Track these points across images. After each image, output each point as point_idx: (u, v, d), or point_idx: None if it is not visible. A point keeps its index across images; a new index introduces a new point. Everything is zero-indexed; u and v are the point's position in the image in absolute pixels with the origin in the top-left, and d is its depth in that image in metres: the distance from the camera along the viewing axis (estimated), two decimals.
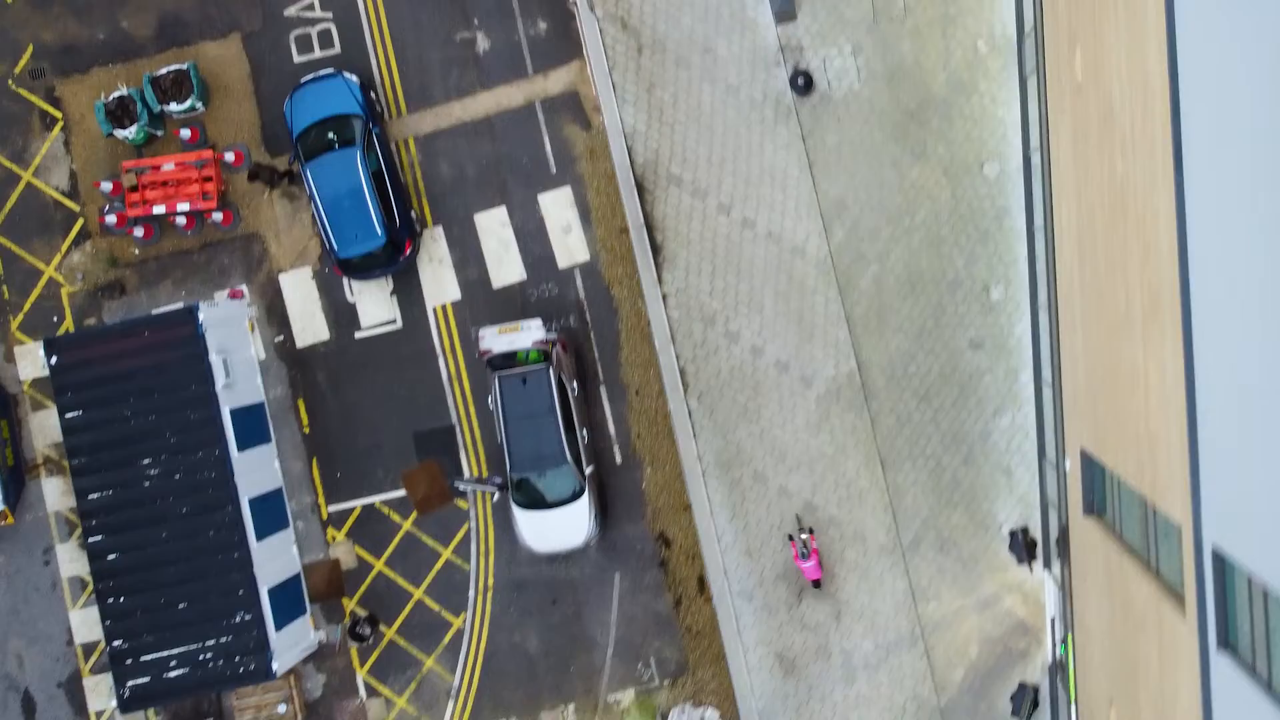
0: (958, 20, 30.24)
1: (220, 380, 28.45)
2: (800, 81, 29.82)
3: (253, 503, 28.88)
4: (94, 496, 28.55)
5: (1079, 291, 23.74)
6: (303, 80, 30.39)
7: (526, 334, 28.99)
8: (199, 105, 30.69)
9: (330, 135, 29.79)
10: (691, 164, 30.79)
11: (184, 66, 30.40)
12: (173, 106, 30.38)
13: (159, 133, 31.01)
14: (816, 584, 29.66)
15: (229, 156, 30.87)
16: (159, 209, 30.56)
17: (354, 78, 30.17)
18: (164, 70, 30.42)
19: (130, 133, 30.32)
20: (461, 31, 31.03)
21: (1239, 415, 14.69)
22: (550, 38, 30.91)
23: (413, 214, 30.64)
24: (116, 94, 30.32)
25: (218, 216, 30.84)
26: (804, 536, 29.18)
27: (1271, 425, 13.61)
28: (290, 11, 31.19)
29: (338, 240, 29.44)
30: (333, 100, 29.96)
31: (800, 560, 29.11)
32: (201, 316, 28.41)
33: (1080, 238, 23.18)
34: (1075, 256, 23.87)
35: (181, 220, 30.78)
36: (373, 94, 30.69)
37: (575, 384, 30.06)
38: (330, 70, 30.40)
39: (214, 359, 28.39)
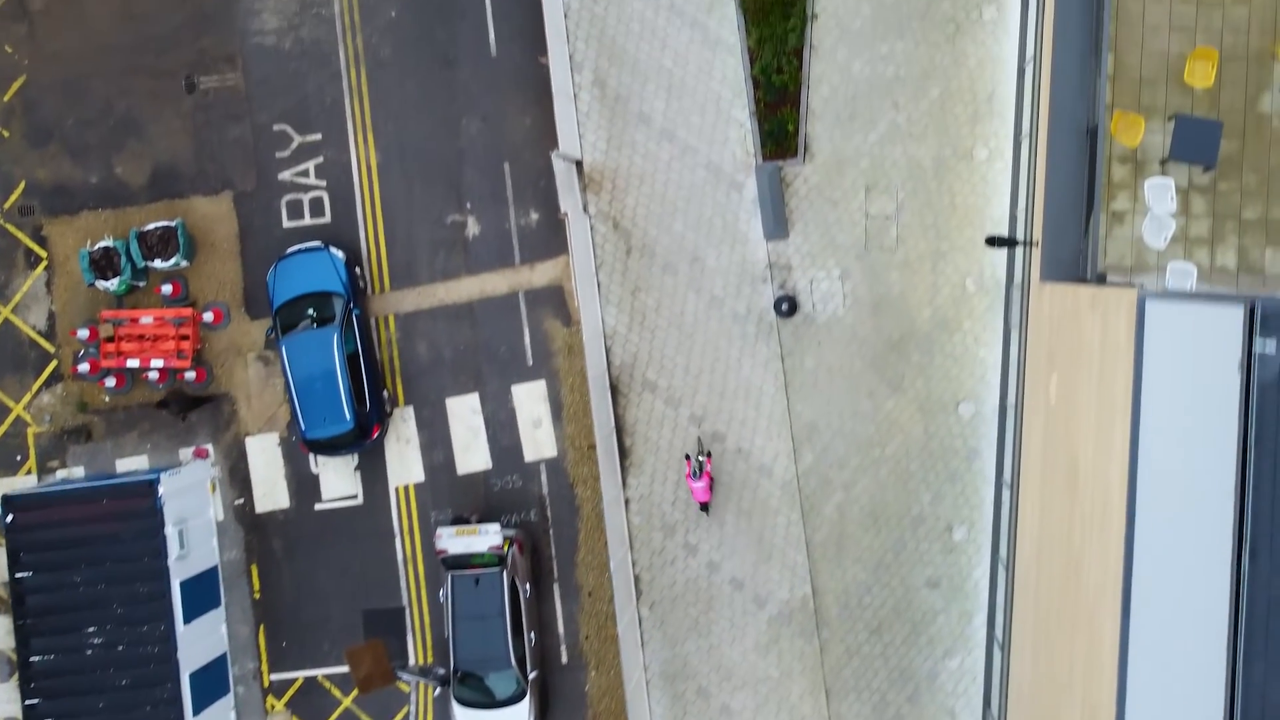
0: (949, 257, 30.21)
1: (174, 554, 28.45)
2: (784, 307, 29.79)
3: (195, 674, 28.85)
4: (36, 660, 28.51)
5: (1032, 602, 23.71)
6: (289, 250, 30.37)
7: (484, 538, 28.96)
8: (183, 263, 30.66)
9: (310, 312, 29.77)
10: (668, 371, 30.76)
11: (172, 224, 30.39)
12: (157, 263, 30.36)
13: (141, 284, 30.97)
14: (704, 506, 29.72)
15: (208, 316, 30.84)
16: (133, 363, 30.53)
17: (340, 253, 30.15)
18: (152, 225, 30.40)
19: (112, 285, 30.30)
20: (453, 214, 31.01)
21: None
22: (541, 230, 30.88)
23: (385, 393, 30.61)
24: (102, 244, 30.31)
25: (190, 375, 30.82)
26: (701, 459, 29.21)
27: None
28: (285, 176, 31.16)
29: (306, 421, 29.41)
30: (317, 275, 29.94)
31: (691, 479, 29.14)
32: (161, 489, 28.39)
33: (1039, 551, 23.16)
34: (1033, 562, 23.85)
35: (154, 375, 30.74)
36: (358, 269, 30.67)
37: (528, 586, 30.01)
38: (317, 243, 30.37)
39: (170, 531, 28.39)
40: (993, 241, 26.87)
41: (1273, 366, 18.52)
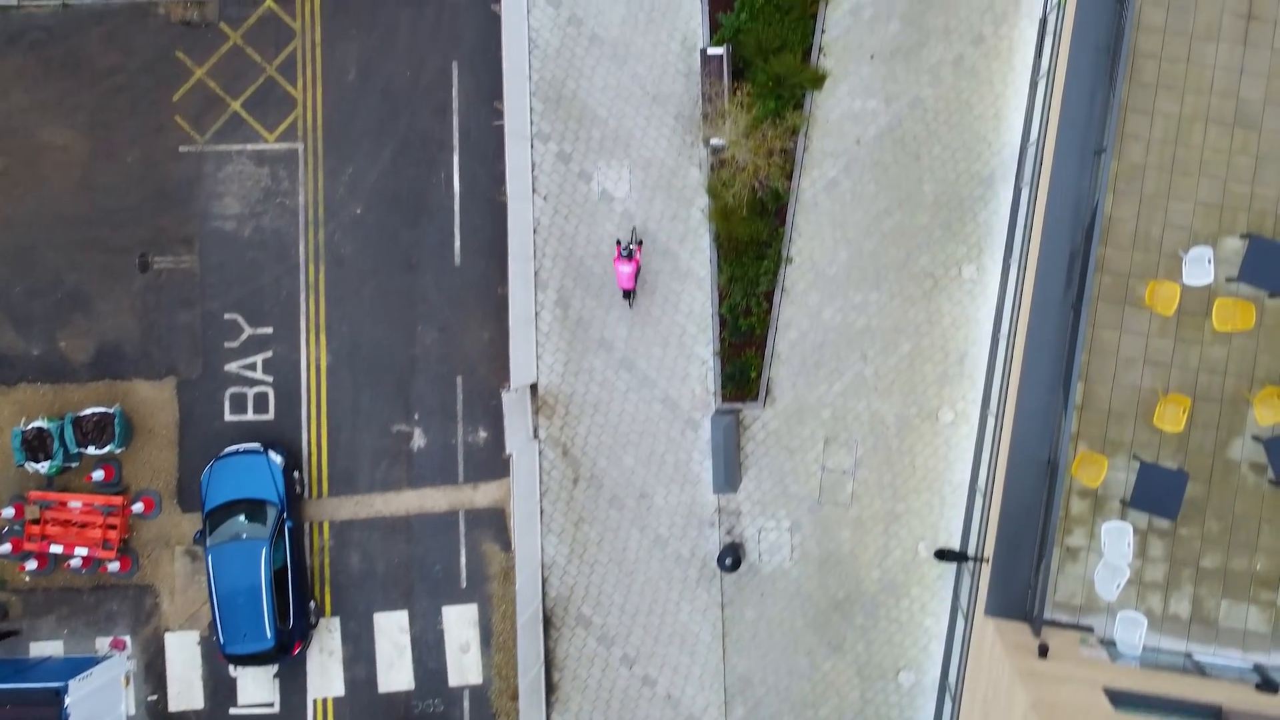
0: (903, 519, 29.35)
1: None
2: (728, 562, 28.89)
3: None
4: None
5: None
6: (226, 450, 29.44)
7: None
8: (118, 450, 29.71)
9: (241, 519, 28.85)
10: (604, 609, 29.87)
11: (110, 410, 29.45)
12: (91, 450, 29.43)
13: (73, 465, 30.03)
14: (627, 294, 29.21)
15: (138, 507, 29.92)
16: (56, 548, 29.61)
17: (278, 458, 29.22)
18: (89, 411, 29.46)
19: (43, 468, 29.36)
20: (400, 424, 30.08)
21: None
22: (488, 449, 29.96)
23: (311, 604, 29.69)
24: (36, 424, 29.37)
25: (114, 566, 29.89)
26: (631, 246, 28.66)
27: None
28: (232, 367, 30.22)
29: (225, 635, 28.49)
30: (252, 481, 29.01)
31: (619, 262, 28.54)
32: (68, 700, 27.44)
33: None
34: None
35: (77, 563, 29.80)
36: (296, 473, 29.74)
37: None
38: (257, 445, 29.44)
39: None
40: (943, 555, 26.04)
41: None
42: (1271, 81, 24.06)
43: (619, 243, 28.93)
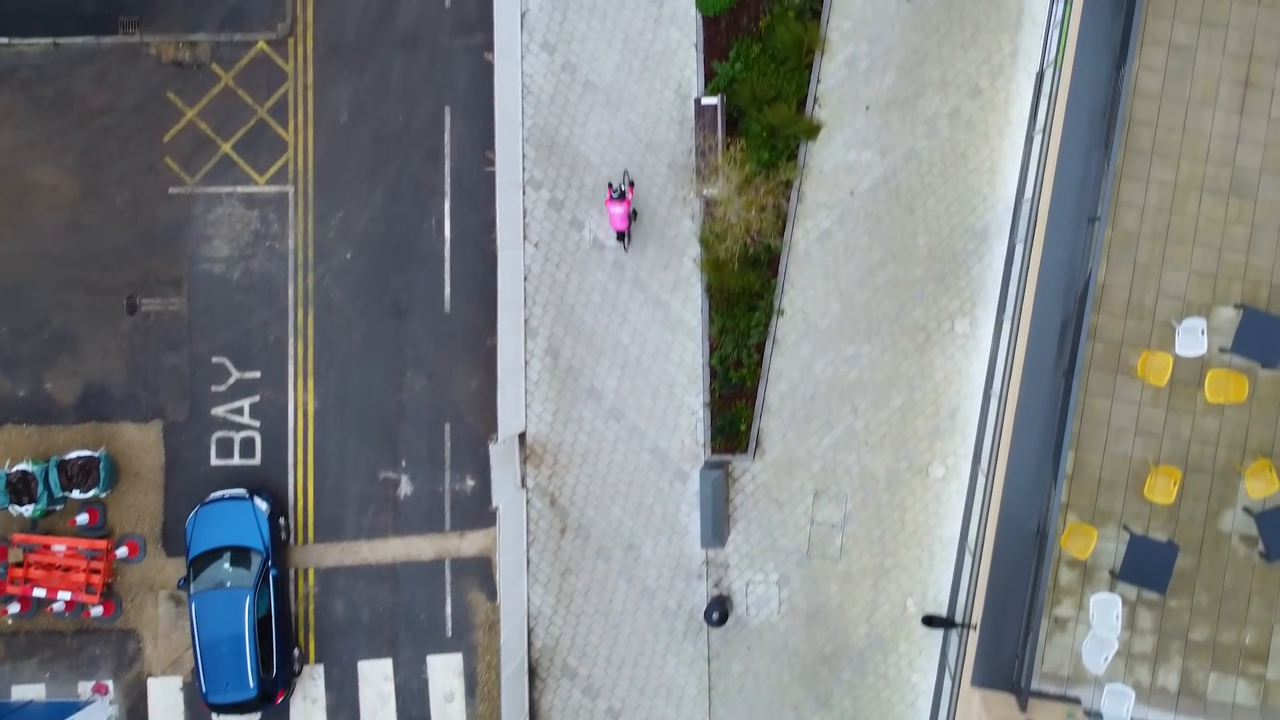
0: (892, 574, 29.17)
1: None
2: (714, 617, 28.68)
3: None
4: None
5: None
6: (212, 496, 29.22)
7: None
8: (103, 494, 29.50)
9: (226, 567, 28.64)
10: (590, 660, 29.67)
11: (95, 454, 29.24)
12: (76, 494, 29.21)
13: (58, 508, 29.81)
14: (620, 235, 28.85)
15: (122, 551, 29.70)
16: (39, 592, 29.39)
17: (264, 505, 29.00)
18: (74, 454, 29.24)
19: (27, 511, 29.14)
20: (387, 471, 29.88)
21: None
22: (475, 498, 29.76)
23: (296, 652, 29.47)
24: (20, 467, 29.15)
25: (97, 611, 29.68)
26: (624, 187, 28.36)
27: None
28: (219, 411, 30.01)
29: (208, 684, 28.28)
30: (238, 529, 28.80)
31: (610, 203, 28.22)
32: None
33: None
34: None
35: (60, 606, 29.59)
36: (282, 519, 29.53)
37: None
38: (242, 491, 29.24)
39: None
40: (931, 622, 25.85)
41: None
42: (1268, 150, 23.88)
43: (610, 185, 28.61)
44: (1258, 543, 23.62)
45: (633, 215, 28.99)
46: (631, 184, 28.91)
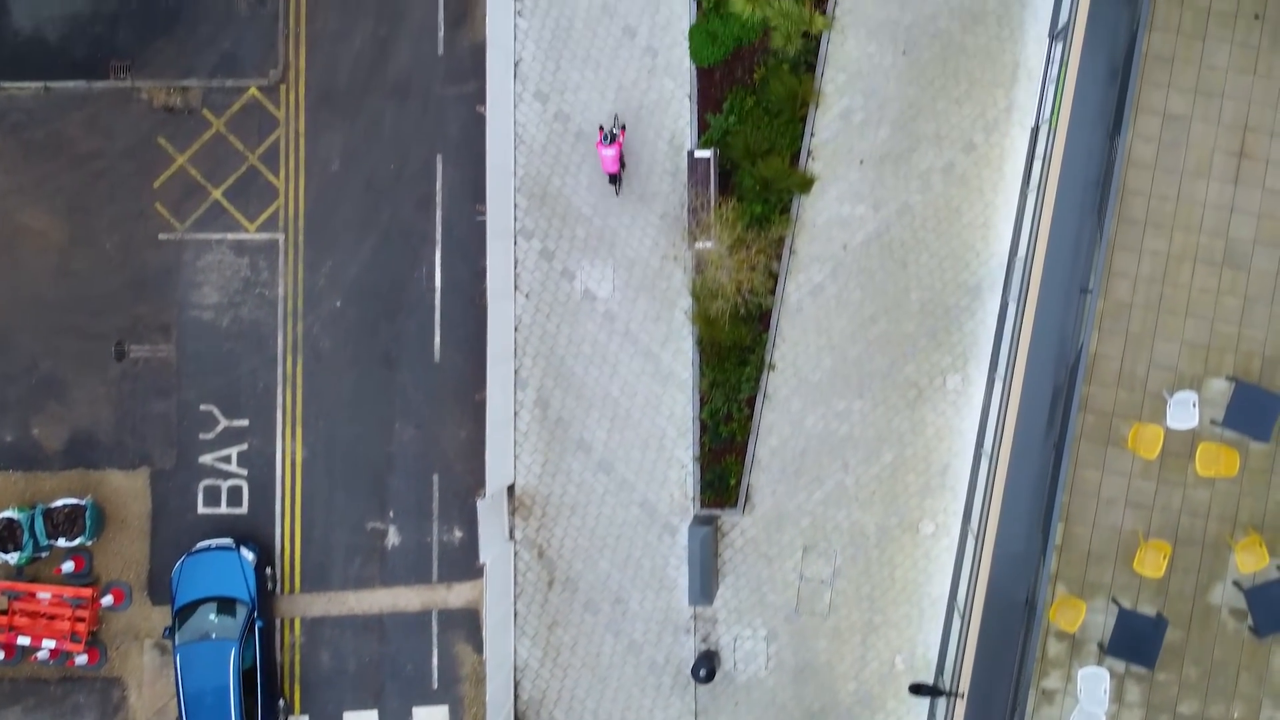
0: (881, 630, 29.03)
1: None
2: (701, 674, 28.53)
3: None
4: None
5: None
6: (198, 545, 29.09)
7: None
8: (89, 542, 29.36)
9: (211, 618, 28.50)
10: (576, 714, 29.54)
11: (82, 502, 29.10)
12: (61, 542, 29.07)
13: (43, 555, 29.67)
14: (613, 178, 28.79)
15: (107, 600, 29.56)
16: (24, 640, 29.25)
17: (251, 555, 28.86)
18: (60, 502, 29.11)
19: (12, 559, 29.01)
20: (374, 521, 29.74)
21: None
22: (463, 549, 29.62)
23: (280, 702, 29.35)
24: (6, 514, 29.00)
25: (82, 659, 29.55)
26: (615, 130, 28.09)
27: None
28: (206, 459, 29.87)
29: None
30: (224, 579, 28.65)
31: (601, 146, 28.00)
32: None
33: None
34: None
35: (44, 654, 29.45)
36: (269, 569, 29.39)
37: None
38: (229, 541, 29.09)
39: None
40: (917, 690, 25.72)
41: None
42: (1262, 221, 23.75)
43: (601, 128, 28.38)
44: (1247, 617, 23.48)
45: (622, 164, 28.73)
46: (623, 127, 28.58)
